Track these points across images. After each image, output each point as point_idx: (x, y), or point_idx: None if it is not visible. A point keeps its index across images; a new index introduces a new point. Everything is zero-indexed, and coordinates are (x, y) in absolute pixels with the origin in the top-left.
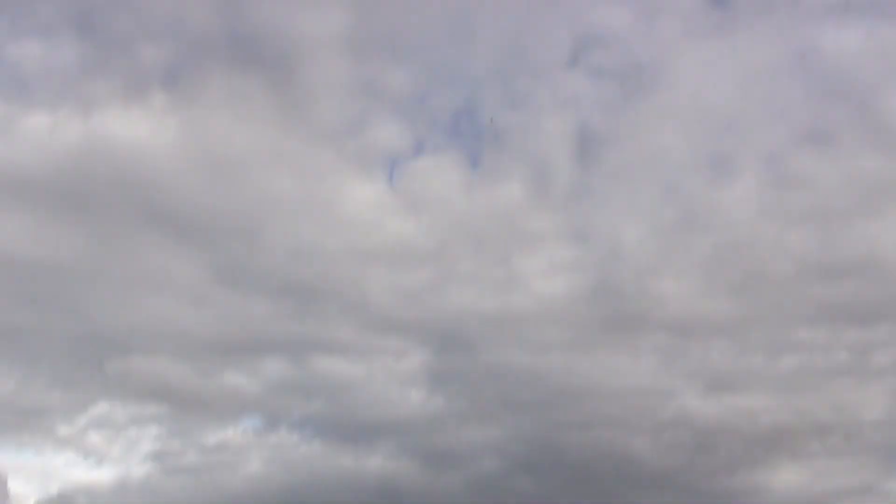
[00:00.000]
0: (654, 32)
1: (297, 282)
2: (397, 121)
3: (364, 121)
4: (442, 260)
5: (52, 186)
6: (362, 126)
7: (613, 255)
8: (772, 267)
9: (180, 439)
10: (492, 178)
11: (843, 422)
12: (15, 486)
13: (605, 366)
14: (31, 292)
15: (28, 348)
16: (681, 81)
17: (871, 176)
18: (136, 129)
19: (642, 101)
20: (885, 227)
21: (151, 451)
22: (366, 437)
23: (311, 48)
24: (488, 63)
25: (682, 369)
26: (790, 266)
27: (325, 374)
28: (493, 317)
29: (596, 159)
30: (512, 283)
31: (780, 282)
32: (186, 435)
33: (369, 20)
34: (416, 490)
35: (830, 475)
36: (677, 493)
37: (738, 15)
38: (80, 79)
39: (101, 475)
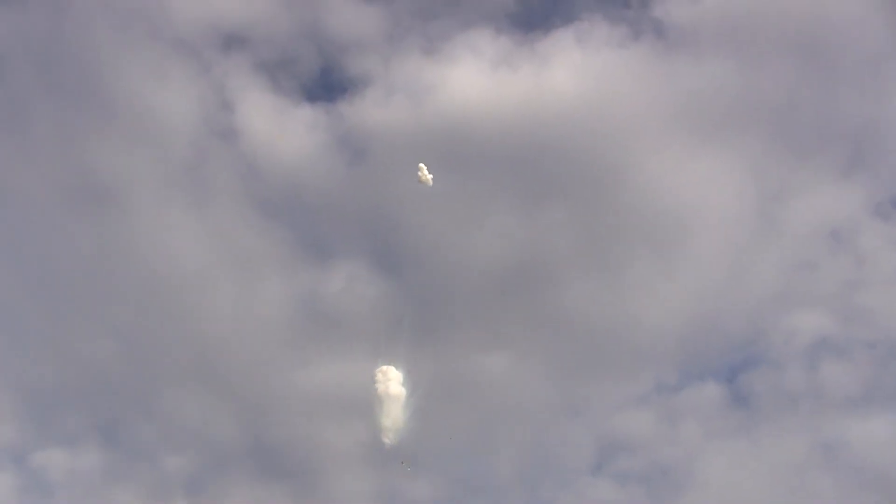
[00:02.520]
0: (677, 435)
1: None
2: None
3: None
4: None
5: None
6: None
7: None
8: None
9: None
10: None
11: None
12: None
13: None
14: None
15: None
16: (707, 482)
17: None
18: None
19: None
20: None
21: None
22: None
23: (333, 458)
24: (512, 471)
25: None
26: None
27: None
28: None
29: None
30: None
31: None
32: None
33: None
34: None
35: None
36: None
37: (760, 412)
38: (103, 486)
39: None
